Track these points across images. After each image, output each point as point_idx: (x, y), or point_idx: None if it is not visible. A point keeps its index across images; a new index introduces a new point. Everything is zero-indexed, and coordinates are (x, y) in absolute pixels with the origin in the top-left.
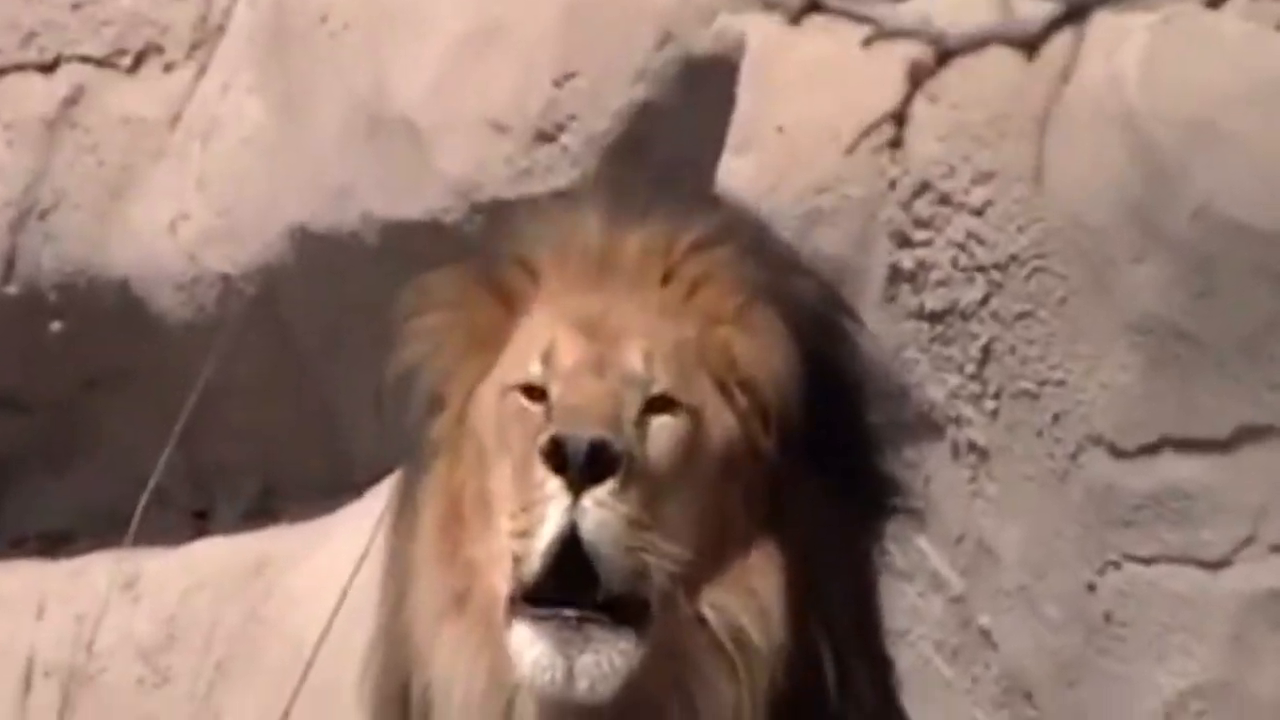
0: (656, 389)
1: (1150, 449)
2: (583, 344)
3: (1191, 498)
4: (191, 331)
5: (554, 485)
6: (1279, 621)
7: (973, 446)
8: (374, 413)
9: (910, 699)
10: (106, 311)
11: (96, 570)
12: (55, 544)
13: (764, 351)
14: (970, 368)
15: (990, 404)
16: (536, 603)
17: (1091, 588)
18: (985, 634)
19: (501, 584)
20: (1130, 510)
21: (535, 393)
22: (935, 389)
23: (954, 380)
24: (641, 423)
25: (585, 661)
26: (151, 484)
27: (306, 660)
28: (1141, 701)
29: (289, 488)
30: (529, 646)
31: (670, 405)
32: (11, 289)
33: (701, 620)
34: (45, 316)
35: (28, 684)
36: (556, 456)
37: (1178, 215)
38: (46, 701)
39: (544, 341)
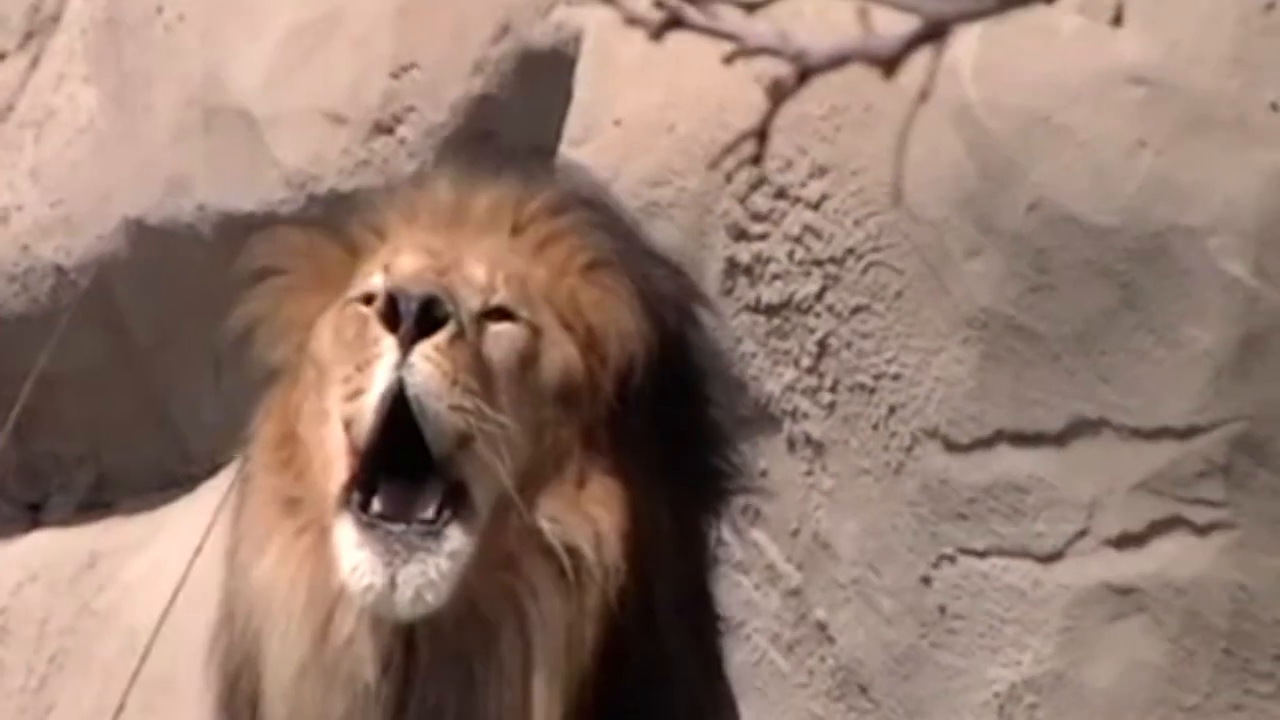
0: (496, 300)
1: (984, 442)
2: (424, 257)
3: (1025, 491)
4: (25, 323)
5: (387, 343)
6: (1110, 614)
7: (809, 440)
8: (204, 422)
9: (746, 692)
10: None
11: None
12: None
13: (610, 306)
14: (806, 361)
15: (826, 397)
16: (366, 506)
17: (926, 581)
18: (821, 627)
19: (334, 487)
20: (964, 503)
21: (374, 300)
22: (771, 382)
23: (790, 374)
24: (480, 325)
25: (409, 571)
26: None
27: (141, 652)
28: (976, 693)
29: (123, 480)
30: (353, 551)
31: (510, 316)
32: None
33: (538, 534)
34: None
35: None
36: (390, 313)
37: (1013, 209)
38: None
39: (385, 260)
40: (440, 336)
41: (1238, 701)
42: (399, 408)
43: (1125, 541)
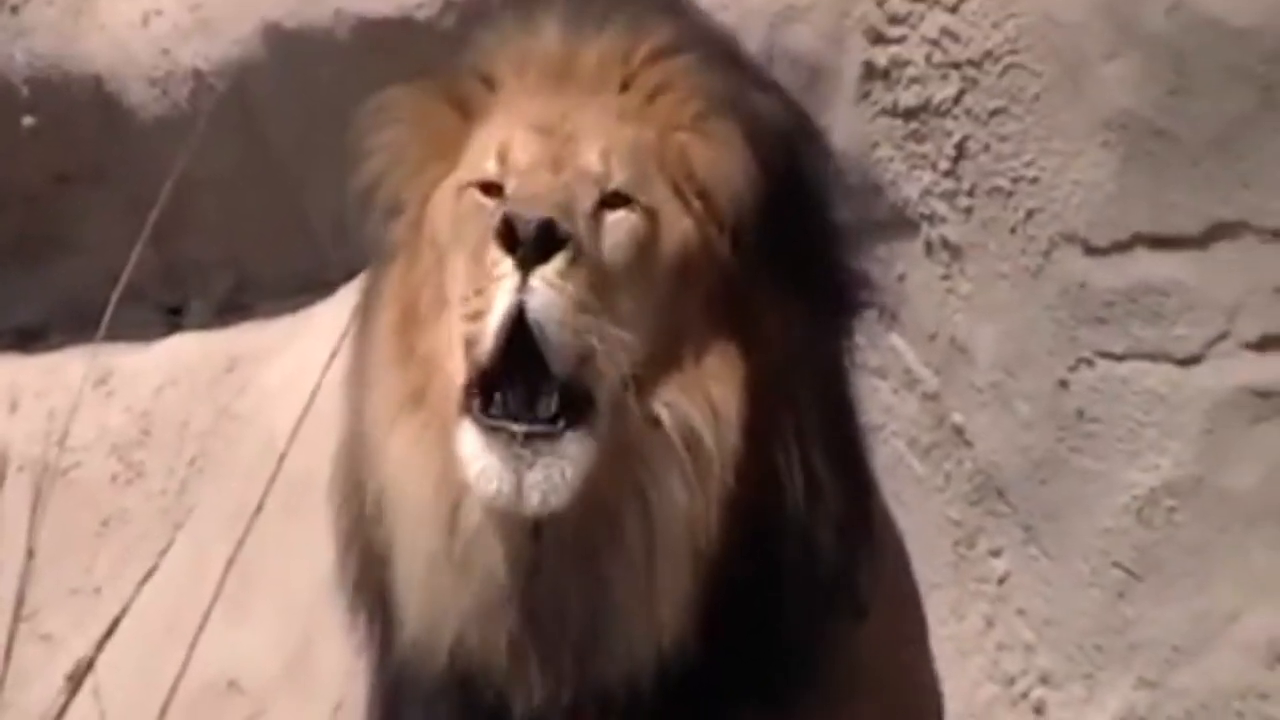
0: (612, 186)
1: (1123, 246)
2: (539, 141)
3: (1165, 294)
4: (164, 127)
5: (505, 265)
6: (1250, 418)
7: (946, 244)
8: (341, 226)
9: (883, 497)
10: (79, 106)
11: (70, 365)
12: (28, 339)
13: (721, 160)
14: (944, 165)
15: (964, 201)
16: (488, 408)
17: (1064, 384)
18: (959, 431)
19: (457, 376)
20: (1103, 307)
21: (491, 189)
22: (908, 186)
23: (927, 178)
24: (596, 216)
25: (535, 477)
26: (124, 280)
27: (280, 454)
28: (1114, 498)
29: (262, 284)
30: (478, 457)
31: (626, 202)
32: None
33: (655, 421)
34: (17, 111)
35: (0, 477)
36: (508, 235)
37: (1152, 10)
38: (19, 495)
39: (500, 141)
40: (559, 261)
41: None
42: (519, 327)
43: (1266, 344)
